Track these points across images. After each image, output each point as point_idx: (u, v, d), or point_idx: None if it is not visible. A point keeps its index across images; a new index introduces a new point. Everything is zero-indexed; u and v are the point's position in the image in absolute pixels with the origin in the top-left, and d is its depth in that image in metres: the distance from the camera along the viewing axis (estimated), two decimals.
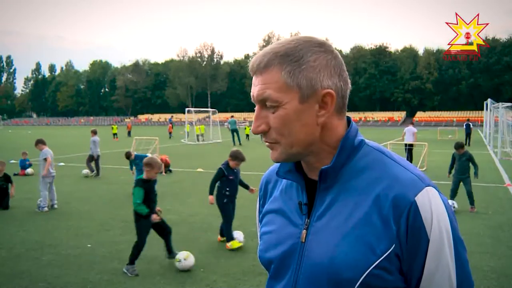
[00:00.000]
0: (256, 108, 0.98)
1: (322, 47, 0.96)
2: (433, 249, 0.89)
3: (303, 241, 0.98)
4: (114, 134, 33.52)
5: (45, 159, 8.39)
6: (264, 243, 1.08)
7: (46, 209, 8.20)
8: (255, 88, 0.97)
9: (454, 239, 0.92)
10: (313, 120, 0.95)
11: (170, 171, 13.34)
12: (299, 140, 0.96)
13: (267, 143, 0.99)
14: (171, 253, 5.26)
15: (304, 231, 0.99)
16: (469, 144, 25.14)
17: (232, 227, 6.81)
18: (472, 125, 27.33)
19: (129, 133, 36.95)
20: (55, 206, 8.49)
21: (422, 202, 0.90)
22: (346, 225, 0.94)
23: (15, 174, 12.11)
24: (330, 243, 0.94)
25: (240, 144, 24.48)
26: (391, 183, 0.93)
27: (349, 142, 0.99)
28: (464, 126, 26.31)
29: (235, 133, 25.17)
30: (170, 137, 33.35)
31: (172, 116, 51.92)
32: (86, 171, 12.98)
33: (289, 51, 0.94)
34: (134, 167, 9.79)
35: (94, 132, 13.15)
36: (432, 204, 0.90)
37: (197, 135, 28.94)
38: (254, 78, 0.98)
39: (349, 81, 1.00)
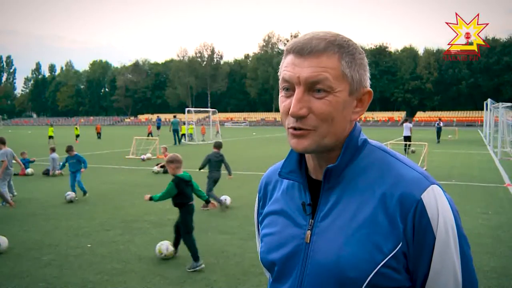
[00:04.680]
0: (298, 91, 0.91)
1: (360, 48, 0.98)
2: (439, 246, 0.90)
3: (308, 241, 0.97)
4: (77, 136, 30.98)
5: (2, 161, 8.44)
6: (266, 244, 1.06)
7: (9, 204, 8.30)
8: (305, 70, 0.91)
9: (459, 237, 0.92)
10: (349, 115, 0.96)
11: None
12: (336, 131, 0.94)
13: (298, 131, 0.93)
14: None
15: (309, 231, 0.98)
16: (438, 141, 25.62)
17: (232, 227, 6.84)
18: (444, 124, 31.87)
19: (98, 135, 33.24)
20: (15, 193, 9.13)
21: (428, 200, 0.90)
22: (352, 224, 0.93)
23: (15, 174, 12.06)
24: (336, 243, 0.93)
25: (180, 143, 25.69)
26: (396, 182, 0.93)
27: (353, 142, 0.99)
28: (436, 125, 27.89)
29: (176, 133, 25.97)
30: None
31: (158, 116, 50.87)
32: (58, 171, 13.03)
33: (344, 44, 0.94)
34: (66, 165, 9.68)
35: (53, 150, 13.59)
36: (438, 202, 0.91)
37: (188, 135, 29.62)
38: (300, 59, 0.92)
39: None
